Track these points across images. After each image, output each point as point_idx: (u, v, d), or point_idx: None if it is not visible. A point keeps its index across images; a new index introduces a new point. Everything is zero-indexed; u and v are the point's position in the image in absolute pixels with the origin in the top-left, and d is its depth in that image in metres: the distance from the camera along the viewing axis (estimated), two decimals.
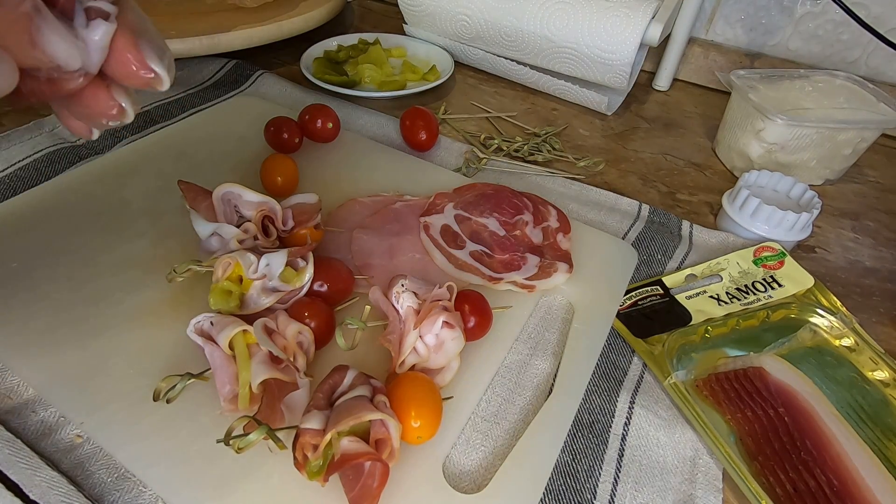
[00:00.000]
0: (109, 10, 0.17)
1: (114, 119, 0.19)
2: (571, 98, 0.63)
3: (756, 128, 0.50)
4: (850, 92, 0.52)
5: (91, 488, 0.26)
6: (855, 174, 0.56)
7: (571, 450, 0.30)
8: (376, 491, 0.23)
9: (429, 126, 0.50)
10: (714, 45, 0.68)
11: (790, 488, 0.28)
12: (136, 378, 0.29)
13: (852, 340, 0.35)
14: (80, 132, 0.20)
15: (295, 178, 0.43)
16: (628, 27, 0.54)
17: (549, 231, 0.41)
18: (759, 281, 0.39)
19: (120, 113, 0.19)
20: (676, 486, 0.29)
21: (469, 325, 0.31)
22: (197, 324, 0.29)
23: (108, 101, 0.18)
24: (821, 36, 0.62)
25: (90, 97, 0.18)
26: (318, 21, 0.67)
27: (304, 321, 0.30)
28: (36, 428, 0.28)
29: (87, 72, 0.17)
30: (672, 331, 0.36)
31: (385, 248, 0.39)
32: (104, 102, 0.18)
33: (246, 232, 0.34)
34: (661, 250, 0.43)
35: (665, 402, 0.33)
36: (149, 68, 0.18)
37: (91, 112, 0.19)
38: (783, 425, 0.30)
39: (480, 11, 0.61)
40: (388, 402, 0.26)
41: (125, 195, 0.41)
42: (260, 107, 0.53)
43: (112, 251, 0.36)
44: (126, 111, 0.19)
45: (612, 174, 0.53)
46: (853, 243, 0.47)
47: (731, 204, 0.44)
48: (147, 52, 0.18)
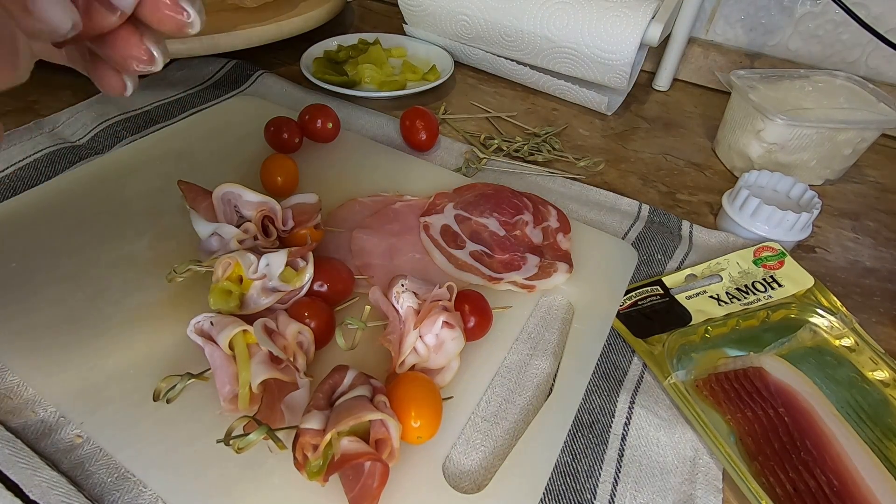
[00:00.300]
0: None
1: (144, 64, 0.20)
2: (571, 98, 0.63)
3: (756, 128, 0.50)
4: (850, 92, 0.52)
5: (91, 488, 0.26)
6: (855, 174, 0.56)
7: (571, 450, 0.30)
8: (376, 491, 0.23)
9: (429, 126, 0.50)
10: (714, 45, 0.68)
11: (790, 488, 0.28)
12: (136, 378, 0.29)
13: (852, 340, 0.35)
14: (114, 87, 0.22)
15: (295, 178, 0.43)
16: (628, 27, 0.54)
17: (549, 231, 0.41)
18: (759, 281, 0.39)
19: (150, 59, 0.20)
20: (676, 486, 0.29)
21: (469, 325, 0.31)
22: (197, 324, 0.29)
23: (140, 46, 0.20)
24: (821, 36, 0.62)
25: (122, 40, 0.20)
26: (318, 21, 0.67)
27: (304, 321, 0.30)
28: (36, 428, 0.28)
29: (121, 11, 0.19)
30: (672, 331, 0.36)
31: (385, 248, 0.39)
32: (135, 46, 0.20)
33: (246, 232, 0.34)
34: (661, 250, 0.43)
35: (665, 402, 0.33)
36: (181, 8, 0.19)
37: (122, 55, 0.20)
38: (783, 425, 0.30)
39: (480, 11, 0.61)
40: (388, 402, 0.26)
41: (125, 195, 0.41)
42: (260, 107, 0.53)
43: (112, 251, 0.36)
44: (156, 58, 0.20)
45: (612, 174, 0.53)
46: (853, 243, 0.47)
47: (731, 204, 0.44)
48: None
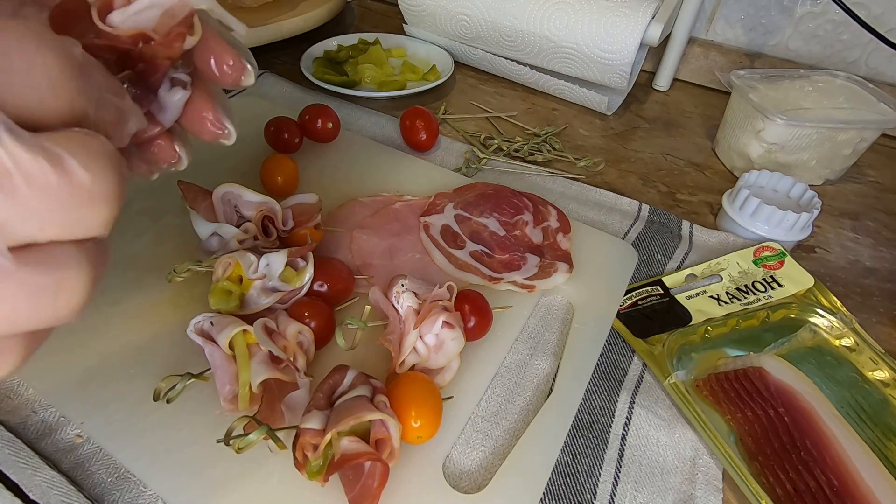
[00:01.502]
0: (186, 79, 0.21)
1: (172, 166, 0.23)
2: (571, 98, 0.63)
3: (756, 128, 0.50)
4: (850, 92, 0.52)
5: (91, 488, 0.26)
6: (855, 174, 0.56)
7: (571, 450, 0.30)
8: (376, 491, 0.23)
9: (429, 126, 0.50)
10: (714, 45, 0.68)
11: (790, 488, 0.28)
12: (136, 378, 0.29)
13: (852, 340, 0.35)
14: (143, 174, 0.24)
15: (295, 178, 0.43)
16: (628, 27, 0.54)
17: (549, 231, 0.41)
18: (759, 281, 0.39)
19: (178, 161, 0.23)
20: (676, 486, 0.29)
21: (469, 325, 0.31)
22: (197, 324, 0.29)
23: (171, 151, 0.23)
24: (821, 36, 0.62)
25: (158, 146, 0.22)
26: (318, 21, 0.67)
27: (304, 321, 0.30)
28: (36, 428, 0.28)
29: (163, 126, 0.22)
30: (672, 331, 0.36)
31: (385, 248, 0.39)
32: (168, 151, 0.23)
33: (246, 232, 0.34)
34: (661, 250, 0.43)
35: (665, 402, 0.33)
36: (222, 125, 0.23)
37: (156, 158, 0.23)
38: (783, 425, 0.30)
39: (480, 11, 0.61)
40: (388, 402, 0.26)
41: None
42: (260, 107, 0.53)
43: (112, 251, 0.36)
44: (182, 160, 0.23)
45: (612, 174, 0.53)
46: (853, 243, 0.47)
47: (731, 204, 0.44)
48: (221, 112, 0.22)
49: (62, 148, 0.13)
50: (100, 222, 0.14)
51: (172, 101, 0.21)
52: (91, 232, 0.14)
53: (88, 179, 0.13)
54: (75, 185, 0.13)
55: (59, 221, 0.13)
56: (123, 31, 0.17)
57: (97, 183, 0.13)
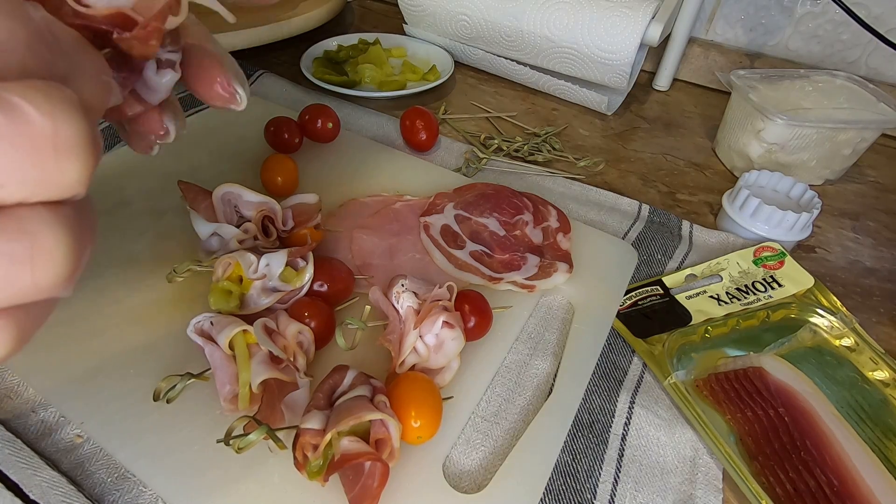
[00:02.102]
0: (175, 58, 0.21)
1: (160, 139, 0.24)
2: (571, 98, 0.63)
3: (756, 128, 0.50)
4: (850, 92, 0.52)
5: (91, 488, 0.26)
6: (855, 174, 0.56)
7: (571, 450, 0.30)
8: (376, 491, 0.23)
9: (429, 126, 0.50)
10: (714, 45, 0.68)
11: (790, 488, 0.28)
12: (136, 378, 0.29)
13: (852, 340, 0.35)
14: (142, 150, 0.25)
15: (295, 178, 0.43)
16: (628, 27, 0.54)
17: (549, 231, 0.41)
18: (759, 281, 0.39)
19: (166, 134, 0.23)
20: (676, 486, 0.29)
21: (469, 325, 0.31)
22: (197, 324, 0.29)
23: (158, 124, 0.23)
24: (821, 36, 0.62)
25: (145, 120, 0.23)
26: (318, 21, 0.67)
27: (304, 321, 0.30)
28: (36, 428, 0.28)
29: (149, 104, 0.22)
30: (672, 331, 0.36)
31: (385, 248, 0.39)
32: (154, 124, 0.23)
33: (246, 232, 0.34)
34: (661, 250, 0.43)
35: (665, 402, 0.33)
36: (232, 88, 0.22)
37: (144, 131, 0.23)
38: (783, 425, 0.30)
39: (480, 11, 0.61)
40: (388, 402, 0.26)
41: (125, 195, 0.41)
42: (260, 107, 0.53)
43: (112, 251, 0.36)
44: (171, 133, 0.23)
45: (612, 174, 0.53)
46: (853, 243, 0.47)
47: (731, 204, 0.44)
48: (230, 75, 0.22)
49: (14, 94, 0.11)
50: (70, 179, 0.13)
51: (161, 83, 0.21)
52: (63, 191, 0.13)
53: (50, 128, 0.12)
54: (36, 134, 0.12)
55: (20, 178, 0.12)
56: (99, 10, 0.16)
57: (61, 132, 0.12)
